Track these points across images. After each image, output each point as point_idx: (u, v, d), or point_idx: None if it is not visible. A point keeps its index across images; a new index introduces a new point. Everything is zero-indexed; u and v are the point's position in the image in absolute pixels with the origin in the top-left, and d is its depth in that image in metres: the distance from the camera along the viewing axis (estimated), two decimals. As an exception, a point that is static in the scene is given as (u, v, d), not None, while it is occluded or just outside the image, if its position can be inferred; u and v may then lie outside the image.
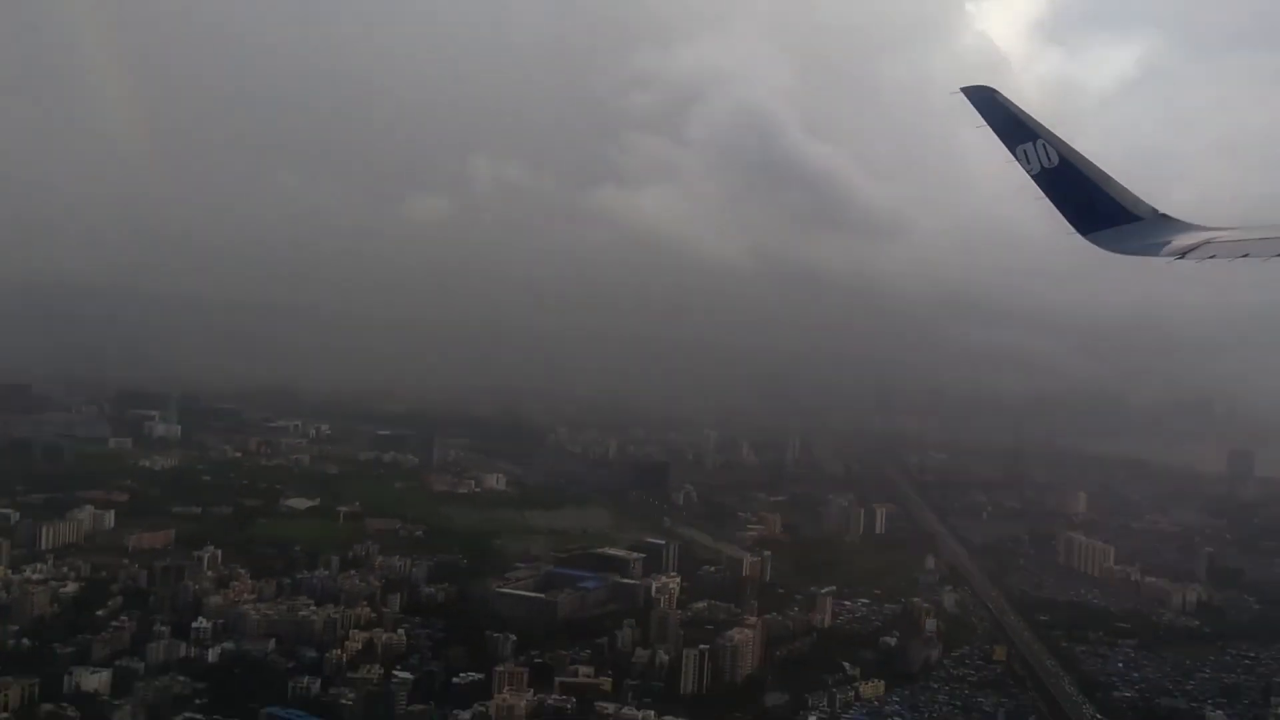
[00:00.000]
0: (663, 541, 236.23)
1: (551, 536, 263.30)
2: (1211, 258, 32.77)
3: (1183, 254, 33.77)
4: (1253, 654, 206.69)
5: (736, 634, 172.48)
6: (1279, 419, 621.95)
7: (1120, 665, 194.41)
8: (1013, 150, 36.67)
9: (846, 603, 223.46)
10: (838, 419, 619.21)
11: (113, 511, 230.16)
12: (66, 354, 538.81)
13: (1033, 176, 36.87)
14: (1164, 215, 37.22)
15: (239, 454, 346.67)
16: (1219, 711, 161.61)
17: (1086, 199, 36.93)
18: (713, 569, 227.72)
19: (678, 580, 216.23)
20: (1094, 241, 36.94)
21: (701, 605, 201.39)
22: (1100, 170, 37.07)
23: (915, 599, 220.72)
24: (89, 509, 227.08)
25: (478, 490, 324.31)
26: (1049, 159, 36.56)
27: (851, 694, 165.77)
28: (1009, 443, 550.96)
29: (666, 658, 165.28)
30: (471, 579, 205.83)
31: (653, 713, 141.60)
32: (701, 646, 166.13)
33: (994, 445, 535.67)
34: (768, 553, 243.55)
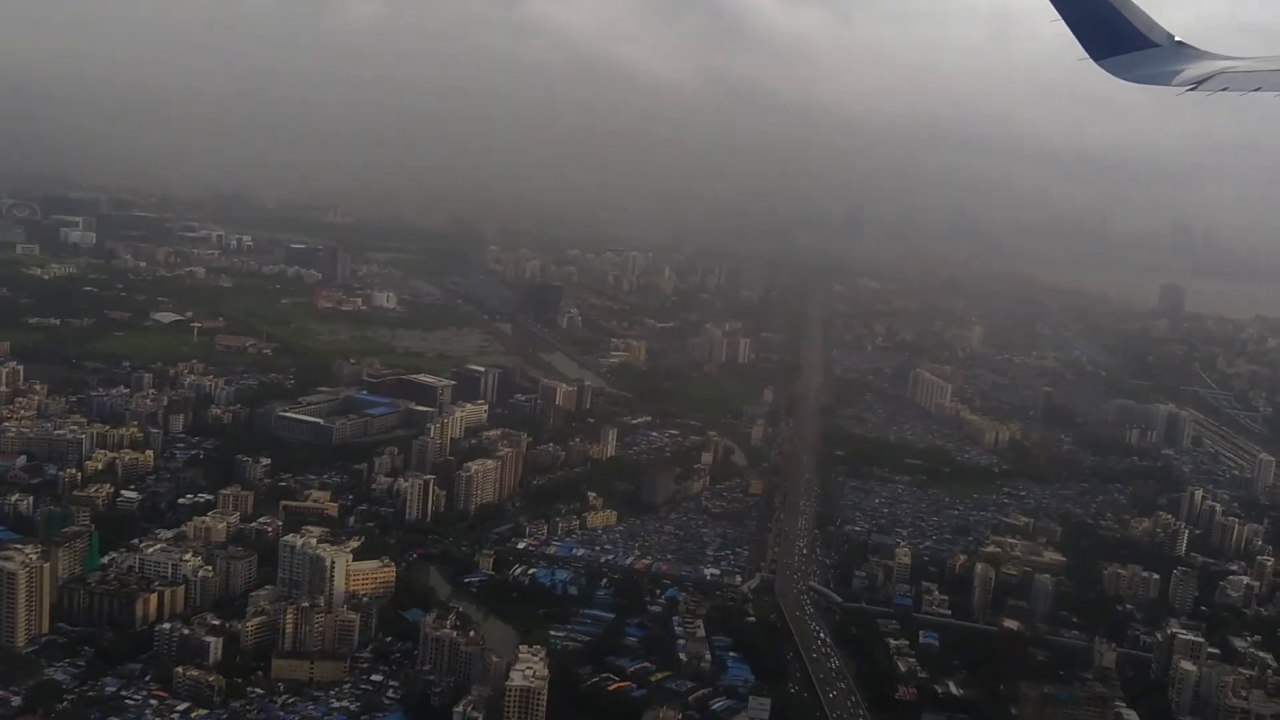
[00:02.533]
0: (482, 369, 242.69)
1: (403, 358, 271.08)
2: (1224, 90, 32.35)
3: (1195, 84, 33.24)
4: (1024, 492, 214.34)
5: (475, 465, 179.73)
6: (1247, 253, 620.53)
7: (878, 501, 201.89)
8: None
9: (654, 433, 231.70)
10: (799, 243, 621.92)
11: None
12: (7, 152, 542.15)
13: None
14: (1180, 42, 36.57)
15: (142, 263, 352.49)
16: (905, 548, 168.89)
17: (1103, 22, 36.03)
18: (524, 398, 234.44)
19: (485, 409, 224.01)
20: (1106, 68, 36.27)
21: (494, 433, 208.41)
22: None
23: (711, 432, 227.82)
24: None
25: (363, 308, 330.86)
26: None
27: (576, 523, 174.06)
28: (958, 271, 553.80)
29: (405, 484, 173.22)
30: (272, 401, 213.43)
31: (311, 537, 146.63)
32: (427, 477, 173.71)
33: (941, 274, 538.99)
34: (588, 383, 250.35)
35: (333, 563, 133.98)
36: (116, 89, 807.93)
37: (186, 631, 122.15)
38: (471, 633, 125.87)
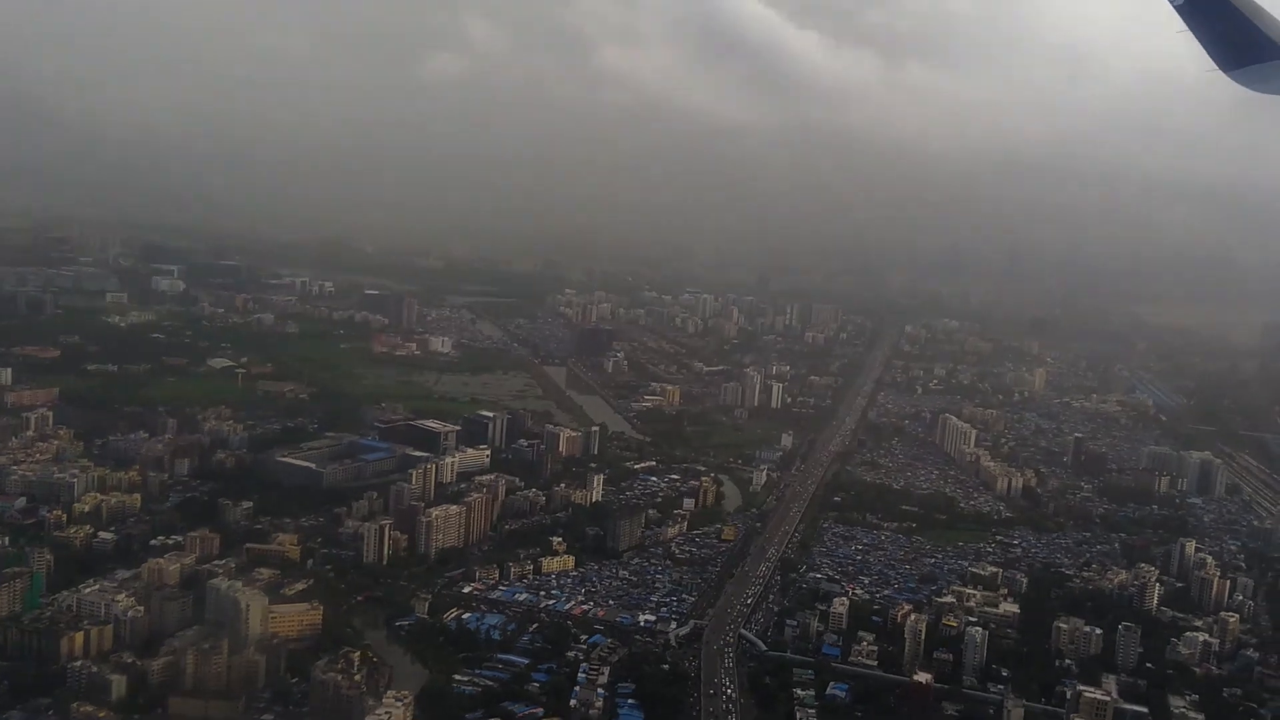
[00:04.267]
0: (491, 415, 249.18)
1: (437, 402, 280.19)
2: None
3: None
4: (1015, 541, 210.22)
5: (438, 510, 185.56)
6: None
7: (855, 548, 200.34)
8: None
9: (653, 478, 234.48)
10: (893, 283, 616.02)
11: (10, 370, 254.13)
12: (121, 204, 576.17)
13: (1175, 7, 34.11)
14: None
15: (219, 310, 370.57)
16: (844, 597, 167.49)
17: (1234, 32, 34.02)
18: (527, 444, 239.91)
19: (487, 454, 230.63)
20: (1237, 80, 34.49)
21: (488, 478, 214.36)
22: None
23: (704, 478, 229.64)
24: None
25: (417, 353, 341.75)
26: None
27: (530, 568, 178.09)
28: (1051, 310, 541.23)
29: (371, 528, 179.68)
30: (284, 446, 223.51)
31: (237, 580, 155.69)
32: (384, 521, 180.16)
33: (1031, 313, 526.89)
34: (595, 427, 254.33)
35: (247, 605, 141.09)
36: (228, 141, 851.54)
37: (95, 669, 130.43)
38: (357, 677, 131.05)
